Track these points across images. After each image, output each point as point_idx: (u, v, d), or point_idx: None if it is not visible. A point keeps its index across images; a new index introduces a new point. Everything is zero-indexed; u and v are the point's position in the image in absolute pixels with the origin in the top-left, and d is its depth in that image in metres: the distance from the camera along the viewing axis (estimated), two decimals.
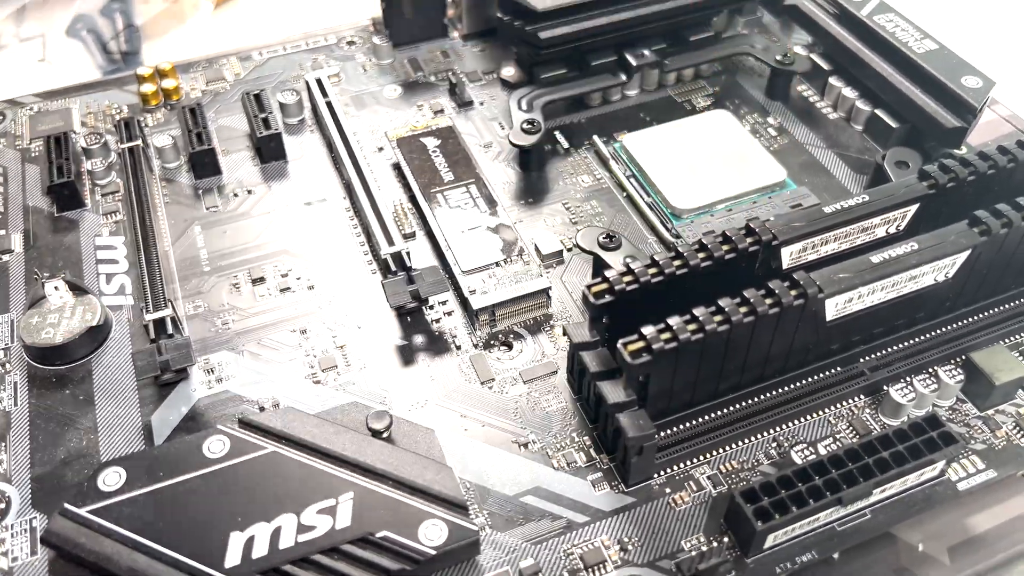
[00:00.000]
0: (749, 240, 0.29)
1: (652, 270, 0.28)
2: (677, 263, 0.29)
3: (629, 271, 0.28)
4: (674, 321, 0.27)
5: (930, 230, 0.30)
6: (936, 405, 0.31)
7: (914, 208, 0.31)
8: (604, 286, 0.28)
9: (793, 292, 0.27)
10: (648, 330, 0.26)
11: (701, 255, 0.29)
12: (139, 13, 0.65)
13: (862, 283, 0.28)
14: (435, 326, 0.34)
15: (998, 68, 0.43)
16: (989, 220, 0.29)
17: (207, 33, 0.63)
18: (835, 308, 0.28)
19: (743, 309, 0.27)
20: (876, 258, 0.28)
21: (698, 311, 0.27)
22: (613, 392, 0.28)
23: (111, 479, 0.26)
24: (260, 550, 0.25)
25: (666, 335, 0.26)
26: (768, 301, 0.27)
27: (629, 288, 0.28)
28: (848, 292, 0.28)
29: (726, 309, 0.27)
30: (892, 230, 0.31)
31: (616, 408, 0.27)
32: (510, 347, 0.33)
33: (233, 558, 0.25)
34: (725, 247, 0.29)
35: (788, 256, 0.30)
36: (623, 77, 0.42)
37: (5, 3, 0.66)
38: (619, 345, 0.27)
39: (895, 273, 0.28)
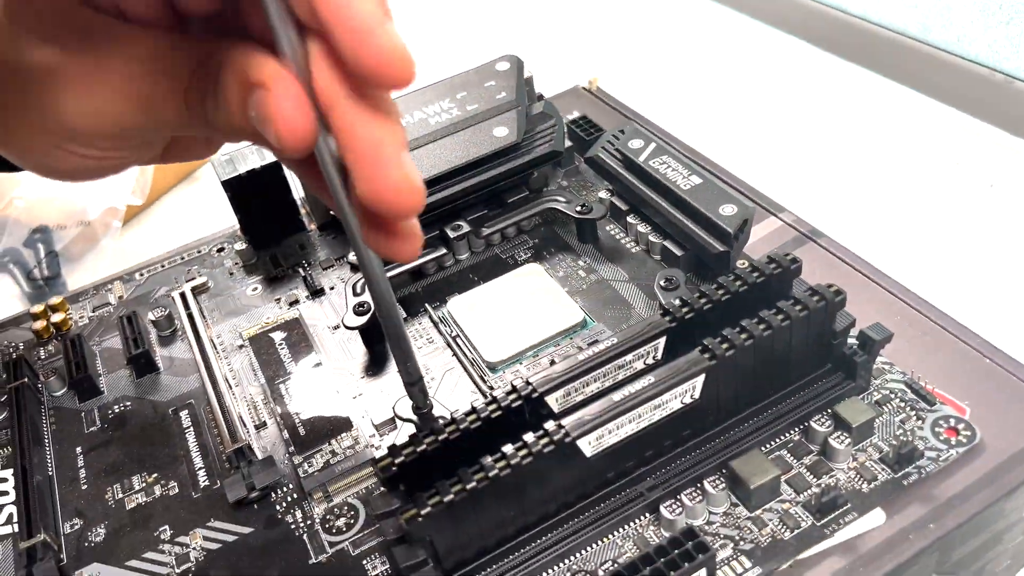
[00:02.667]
0: (511, 397, 0.33)
1: (429, 439, 0.33)
2: (451, 428, 0.33)
3: (411, 442, 0.33)
4: (442, 485, 0.31)
5: (688, 353, 0.34)
6: (711, 512, 0.34)
7: (663, 340, 0.35)
8: (388, 460, 0.32)
9: (543, 440, 0.31)
10: (419, 497, 0.31)
11: (471, 418, 0.33)
12: (58, 240, 0.72)
13: (607, 420, 0.32)
14: (279, 509, 0.38)
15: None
16: (714, 345, 0.34)
17: (119, 249, 0.70)
18: (590, 446, 0.32)
19: (500, 464, 0.31)
20: (617, 396, 0.33)
21: (462, 472, 0.31)
22: (404, 555, 0.31)
23: None
24: None
25: (435, 499, 0.30)
26: (522, 453, 0.31)
27: (410, 459, 0.32)
28: (596, 431, 0.32)
29: (485, 466, 0.31)
30: (649, 361, 0.36)
31: (407, 571, 0.31)
32: (344, 517, 0.37)
33: None
34: (491, 407, 0.33)
35: (555, 402, 0.34)
36: (444, 249, 0.48)
37: None
38: (397, 515, 0.31)
39: (637, 406, 0.33)
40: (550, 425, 0.32)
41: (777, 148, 0.73)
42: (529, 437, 0.31)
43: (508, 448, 0.31)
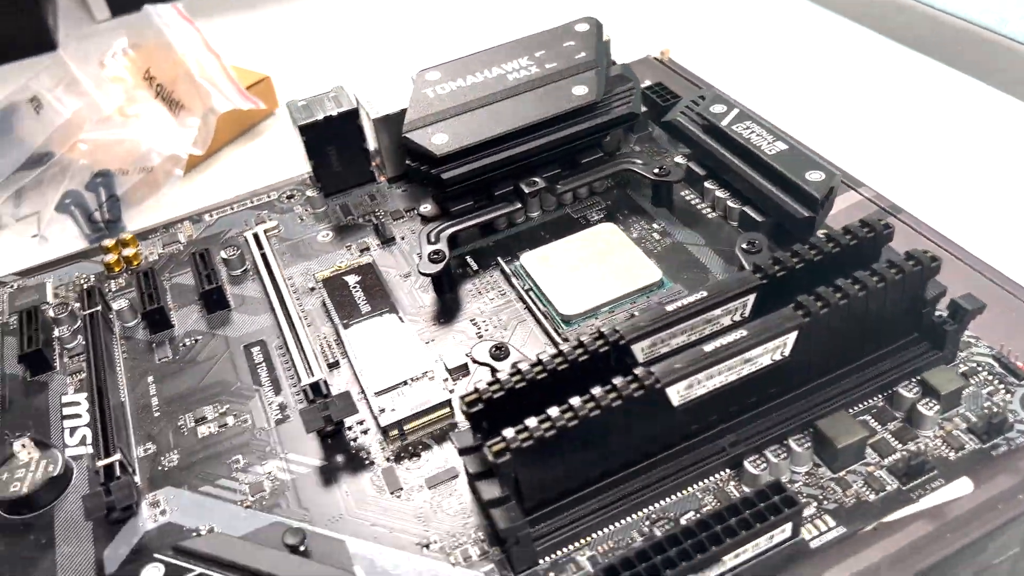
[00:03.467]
0: (599, 343, 0.33)
1: (515, 377, 0.33)
2: (537, 369, 0.33)
3: (496, 380, 0.33)
4: (531, 422, 0.31)
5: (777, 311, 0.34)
6: (793, 471, 0.34)
7: (752, 297, 0.35)
8: (475, 395, 0.32)
9: (633, 385, 0.31)
10: (508, 432, 0.30)
11: (558, 360, 0.33)
12: (120, 184, 0.72)
13: (697, 371, 0.32)
14: (352, 445, 0.38)
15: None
16: (809, 303, 0.33)
17: (180, 197, 0.71)
18: (678, 395, 0.32)
19: (589, 405, 0.31)
20: (709, 347, 0.33)
21: (552, 411, 0.31)
22: (488, 490, 0.31)
23: None
24: None
25: (524, 435, 0.30)
26: (612, 395, 0.31)
27: (496, 396, 0.32)
28: (685, 380, 0.32)
29: (575, 406, 0.31)
30: (736, 318, 0.35)
31: (491, 504, 0.31)
32: (418, 457, 0.37)
33: None
34: (578, 351, 0.33)
35: (640, 352, 0.34)
36: (518, 204, 0.48)
37: (3, 187, 0.74)
38: (485, 448, 0.30)
39: (728, 359, 0.32)
40: (640, 371, 0.32)
41: (847, 132, 0.72)
42: (619, 380, 0.31)
43: (597, 390, 0.31)
